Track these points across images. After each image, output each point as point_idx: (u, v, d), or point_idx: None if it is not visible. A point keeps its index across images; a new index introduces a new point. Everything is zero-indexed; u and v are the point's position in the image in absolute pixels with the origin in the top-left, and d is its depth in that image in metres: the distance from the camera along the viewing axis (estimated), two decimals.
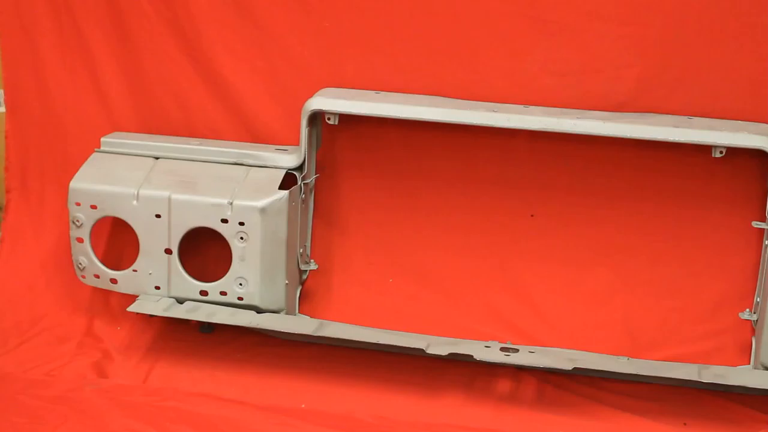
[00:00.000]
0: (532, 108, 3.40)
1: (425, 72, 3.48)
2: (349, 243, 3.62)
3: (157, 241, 3.43)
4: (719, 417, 3.27)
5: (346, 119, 3.46)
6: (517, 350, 3.35)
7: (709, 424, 3.24)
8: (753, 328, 3.39)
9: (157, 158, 3.52)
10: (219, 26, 3.53)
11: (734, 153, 3.30)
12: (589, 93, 3.41)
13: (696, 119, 3.35)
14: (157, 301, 3.45)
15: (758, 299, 3.35)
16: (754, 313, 3.37)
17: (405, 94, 3.47)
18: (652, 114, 3.38)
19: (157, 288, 3.46)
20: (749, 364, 3.36)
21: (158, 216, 3.41)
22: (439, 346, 3.31)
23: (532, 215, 3.53)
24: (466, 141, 3.52)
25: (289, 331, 3.41)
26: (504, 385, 3.38)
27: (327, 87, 3.50)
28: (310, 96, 3.44)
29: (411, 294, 3.59)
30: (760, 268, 3.35)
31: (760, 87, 3.33)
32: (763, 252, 3.34)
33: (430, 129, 3.50)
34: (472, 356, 3.27)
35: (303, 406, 3.29)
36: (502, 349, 3.34)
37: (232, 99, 3.58)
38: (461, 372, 3.41)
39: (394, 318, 3.55)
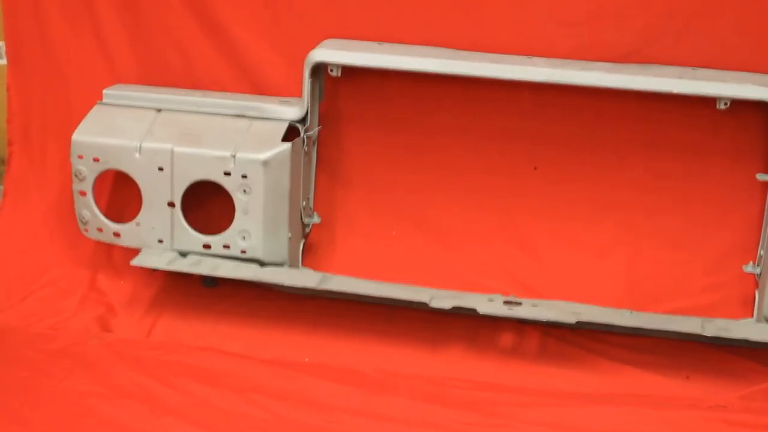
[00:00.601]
0: (536, 59, 3.38)
1: (428, 23, 3.46)
2: (352, 196, 3.61)
3: (160, 195, 3.42)
4: (722, 370, 3.28)
5: (349, 71, 3.44)
6: (520, 303, 3.34)
7: (711, 377, 3.26)
8: (756, 281, 3.38)
9: (159, 110, 3.50)
10: None
11: (739, 105, 3.28)
12: (593, 43, 3.39)
13: (701, 70, 3.33)
14: (161, 254, 3.45)
15: (762, 252, 3.35)
16: (758, 266, 3.36)
17: (408, 46, 3.45)
18: (656, 65, 3.36)
19: (160, 241, 3.45)
20: (752, 317, 3.36)
21: (161, 169, 3.40)
22: (442, 299, 3.31)
23: (535, 168, 3.51)
24: (469, 93, 3.50)
25: (292, 285, 3.41)
26: (507, 339, 3.39)
27: (330, 38, 3.48)
28: (313, 47, 3.41)
29: (414, 247, 3.58)
30: (764, 221, 3.34)
31: (764, 37, 3.30)
32: (767, 205, 3.33)
33: (433, 81, 3.47)
34: (475, 310, 3.27)
35: (306, 359, 3.30)
36: (506, 303, 3.34)
37: (234, 51, 3.56)
38: (464, 325, 3.42)
39: (397, 271, 3.55)
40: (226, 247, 3.43)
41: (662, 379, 3.24)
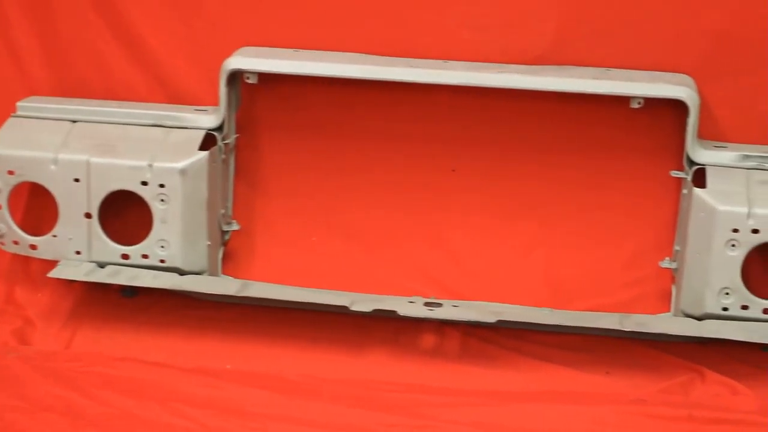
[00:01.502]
0: (452, 63, 3.40)
1: (345, 29, 3.47)
2: (271, 202, 3.60)
3: (77, 206, 3.40)
4: (641, 364, 3.31)
5: (265, 78, 3.44)
6: (440, 305, 3.36)
7: (631, 372, 3.28)
8: (673, 276, 3.43)
9: (74, 122, 3.48)
10: None
11: (652, 103, 3.33)
12: (509, 47, 3.42)
13: (614, 71, 3.38)
14: (78, 266, 3.41)
15: (677, 248, 3.40)
16: (674, 261, 3.41)
17: (324, 52, 3.46)
18: (571, 66, 3.39)
19: (78, 253, 3.42)
20: (670, 311, 3.41)
21: (77, 180, 3.38)
22: (363, 302, 3.31)
23: (453, 170, 3.53)
24: (386, 97, 3.51)
25: (212, 293, 3.40)
26: (428, 340, 3.40)
27: (246, 46, 3.48)
28: (229, 55, 3.41)
29: (334, 252, 3.58)
30: (679, 216, 3.39)
31: (677, 37, 3.36)
32: (681, 200, 3.38)
33: (351, 86, 3.48)
34: (396, 312, 3.28)
35: (228, 366, 3.28)
36: (426, 304, 3.36)
37: (149, 60, 3.55)
38: (386, 328, 3.42)
39: (318, 276, 3.54)
40: (145, 256, 3.41)
41: (583, 375, 3.27)
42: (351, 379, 3.23)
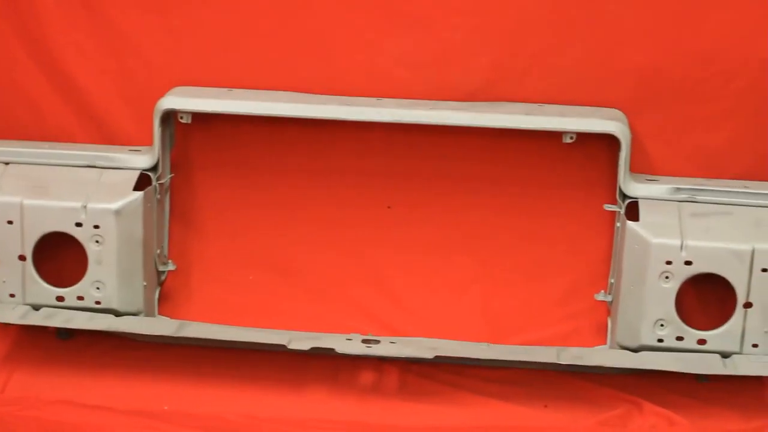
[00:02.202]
0: (385, 100, 3.42)
1: (278, 68, 3.48)
2: (207, 242, 3.59)
3: (10, 248, 3.37)
4: (579, 397, 3.33)
5: (199, 118, 3.44)
6: (378, 341, 3.36)
7: (568, 405, 3.30)
8: (608, 308, 3.46)
9: (7, 164, 3.45)
10: (67, 27, 3.47)
11: (585, 138, 3.36)
12: (442, 84, 3.44)
13: (547, 106, 3.41)
14: (13, 308, 3.38)
15: (612, 280, 3.43)
16: (609, 294, 3.44)
17: (258, 91, 3.46)
18: (504, 102, 3.42)
19: (12, 296, 3.40)
20: (606, 344, 3.44)
21: (10, 222, 3.35)
22: (301, 341, 3.30)
23: (389, 207, 3.55)
24: (321, 135, 3.52)
25: (148, 333, 3.38)
26: (367, 377, 3.39)
27: (179, 86, 3.48)
28: (163, 95, 3.41)
29: (271, 290, 3.58)
30: (613, 249, 3.42)
31: (607, 72, 3.39)
32: (615, 234, 3.41)
33: (285, 124, 3.49)
34: (334, 349, 3.28)
35: (166, 408, 3.26)
36: (364, 341, 3.35)
37: (83, 101, 3.53)
38: (325, 366, 3.41)
39: (255, 315, 3.53)
40: (80, 298, 3.39)
41: (522, 409, 3.27)
42: (290, 417, 3.22)
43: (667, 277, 3.26)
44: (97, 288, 3.38)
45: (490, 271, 3.55)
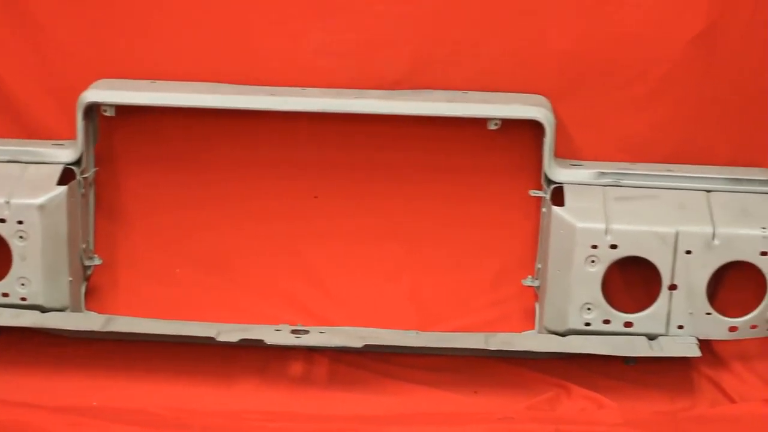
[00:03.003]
0: (309, 90, 3.41)
1: (202, 59, 3.46)
2: (133, 235, 3.57)
3: None
4: (508, 382, 3.35)
5: (123, 110, 3.41)
6: (307, 332, 3.35)
7: (498, 390, 3.32)
8: (536, 293, 3.48)
9: None
10: None
11: (509, 124, 3.37)
12: (366, 72, 3.44)
13: (471, 93, 3.42)
14: None
15: (539, 265, 3.45)
16: (536, 279, 3.46)
17: (182, 83, 3.44)
18: (428, 90, 3.43)
19: None
20: (534, 329, 3.46)
21: None
22: (229, 333, 3.29)
23: (316, 196, 3.54)
24: (246, 126, 3.51)
25: (76, 329, 3.35)
26: (297, 367, 3.39)
27: (102, 78, 3.44)
28: (86, 88, 3.38)
29: (199, 283, 3.56)
30: (540, 234, 3.45)
31: (530, 59, 3.41)
32: (541, 219, 3.44)
33: (210, 116, 3.47)
34: (263, 341, 3.27)
35: (95, 403, 3.24)
36: (293, 332, 3.35)
37: (4, 95, 3.48)
38: (254, 357, 3.41)
39: (184, 308, 3.52)
40: (6, 295, 3.35)
41: (452, 396, 3.29)
42: (220, 410, 3.22)
43: (593, 261, 3.29)
44: (22, 284, 3.34)
45: (418, 259, 3.56)
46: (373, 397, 3.29)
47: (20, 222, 3.30)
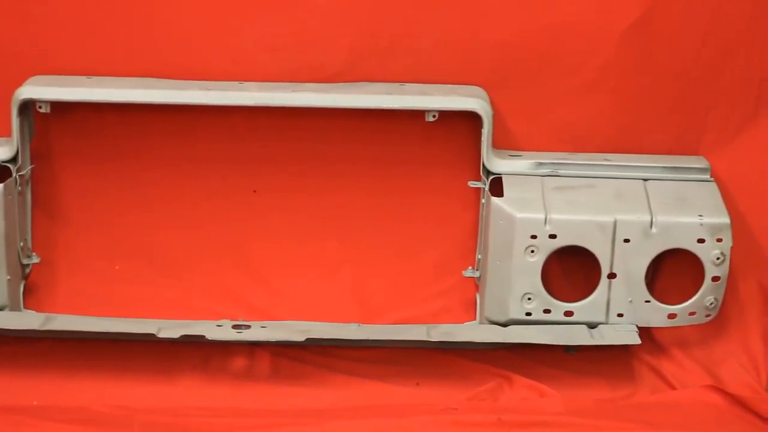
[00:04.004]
0: (247, 84, 3.40)
1: (138, 54, 3.43)
2: (71, 233, 3.54)
3: None
4: (450, 373, 3.36)
5: (59, 107, 3.38)
6: (249, 326, 3.35)
7: (440, 381, 3.34)
8: (476, 284, 3.49)
9: None
10: None
11: (447, 116, 3.38)
12: (303, 66, 3.44)
13: (408, 85, 3.42)
14: None
15: (479, 256, 3.46)
16: (477, 270, 3.48)
17: (119, 78, 3.42)
18: (365, 83, 3.43)
19: None
20: (475, 319, 3.47)
21: None
22: (171, 329, 3.28)
23: (254, 191, 3.53)
24: (184, 121, 3.49)
25: (14, 328, 3.31)
26: (239, 362, 3.39)
27: (38, 75, 3.41)
28: (20, 85, 3.34)
29: (139, 279, 3.54)
30: (479, 225, 3.46)
31: (467, 50, 3.42)
32: (480, 210, 3.45)
33: (148, 111, 3.45)
34: (204, 336, 3.26)
35: (35, 402, 3.22)
36: (234, 327, 3.35)
37: None
38: (196, 353, 3.40)
39: (124, 305, 3.50)
40: None
41: (394, 388, 3.31)
42: (162, 407, 3.20)
43: (532, 251, 3.31)
44: None
45: (359, 252, 3.56)
46: (315, 391, 3.29)
47: None
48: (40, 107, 3.35)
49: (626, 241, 3.29)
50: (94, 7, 3.39)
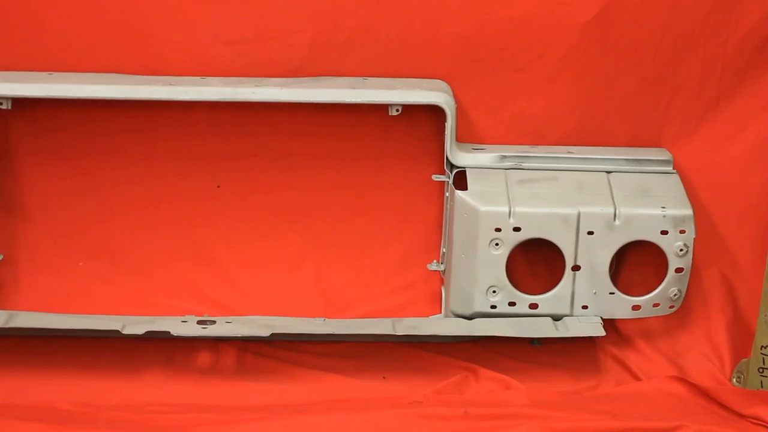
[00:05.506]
0: (209, 79, 3.38)
1: (99, 50, 3.41)
2: (33, 230, 3.51)
3: None
4: (416, 367, 3.36)
5: (20, 103, 3.36)
6: (214, 322, 3.34)
7: (406, 375, 3.34)
8: (441, 277, 3.50)
9: None
10: None
11: (410, 110, 3.38)
12: (264, 60, 3.42)
13: (371, 79, 3.41)
14: None
15: (444, 249, 3.47)
16: (441, 263, 3.48)
17: (79, 74, 3.40)
18: (328, 77, 3.42)
19: None
20: (440, 313, 3.48)
21: None
22: (135, 325, 3.26)
23: (218, 186, 3.52)
24: (145, 117, 3.47)
25: None
26: (204, 358, 3.37)
27: None
28: None
29: (103, 276, 3.52)
30: (444, 218, 3.46)
31: (429, 44, 3.41)
32: (444, 203, 3.45)
33: (108, 107, 3.43)
34: (169, 332, 3.25)
35: None
36: (199, 322, 3.33)
37: None
38: (161, 349, 3.38)
39: (87, 302, 3.48)
40: None
41: (360, 382, 3.30)
42: (126, 403, 3.18)
43: (497, 244, 3.31)
44: None
45: (323, 246, 3.55)
46: (281, 386, 3.28)
47: None
48: (0, 104, 3.33)
49: (590, 233, 3.30)
50: (54, 2, 3.37)
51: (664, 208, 3.31)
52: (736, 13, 3.38)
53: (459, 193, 3.33)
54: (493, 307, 3.36)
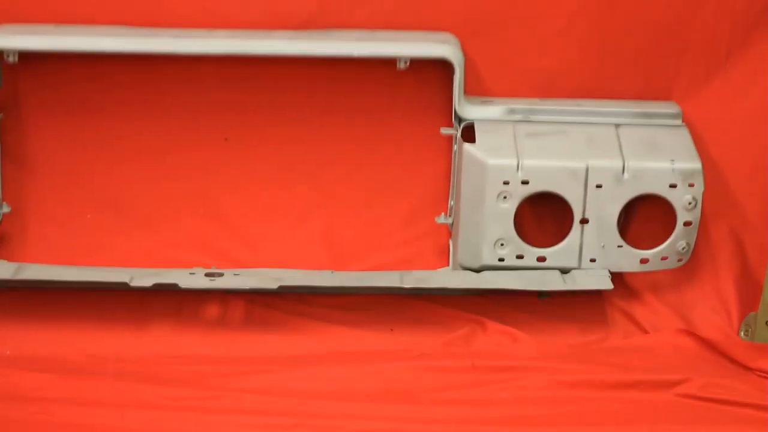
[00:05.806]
0: (216, 32, 3.37)
1: (106, 2, 3.40)
2: (41, 182, 3.51)
3: None
4: (424, 319, 3.37)
5: (27, 56, 3.35)
6: (222, 274, 3.35)
7: (414, 327, 3.35)
8: (449, 231, 3.50)
9: None
10: None
11: (419, 63, 3.36)
12: (272, 13, 3.41)
13: (379, 32, 3.40)
14: None
15: (452, 203, 3.46)
16: (449, 216, 3.48)
17: (86, 26, 3.38)
18: (336, 30, 3.41)
19: None
20: (448, 265, 3.48)
21: None
22: (143, 277, 3.28)
23: (226, 139, 3.51)
24: (153, 70, 3.46)
25: None
26: (212, 310, 3.39)
27: (4, 24, 3.38)
28: None
29: (111, 228, 3.52)
30: (452, 172, 3.45)
31: None
32: (452, 156, 3.44)
33: (116, 60, 3.42)
34: (177, 285, 3.25)
35: (8, 352, 3.21)
36: (207, 275, 3.34)
37: None
38: (168, 302, 3.39)
39: (95, 254, 3.49)
40: None
41: (368, 334, 3.31)
42: (135, 355, 3.20)
43: (505, 198, 3.31)
44: None
45: (331, 200, 3.55)
46: (289, 338, 3.29)
47: None
48: (7, 57, 3.32)
49: (598, 186, 3.30)
50: None
51: (673, 161, 3.30)
52: None
53: (467, 146, 3.32)
54: (501, 260, 3.36)
